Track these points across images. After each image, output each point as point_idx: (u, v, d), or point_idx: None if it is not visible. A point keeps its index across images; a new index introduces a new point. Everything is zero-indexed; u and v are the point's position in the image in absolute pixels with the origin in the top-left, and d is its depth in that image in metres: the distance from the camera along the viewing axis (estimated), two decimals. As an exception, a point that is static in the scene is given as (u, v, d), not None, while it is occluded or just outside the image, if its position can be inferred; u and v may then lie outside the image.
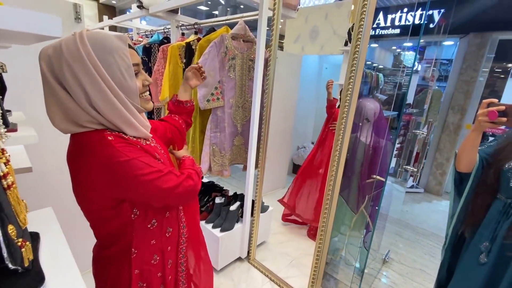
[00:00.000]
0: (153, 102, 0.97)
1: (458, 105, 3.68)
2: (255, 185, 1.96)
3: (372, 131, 1.68)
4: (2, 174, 0.36)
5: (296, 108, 3.47)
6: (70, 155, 0.65)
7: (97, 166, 0.60)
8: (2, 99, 0.79)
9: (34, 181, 1.45)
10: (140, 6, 2.22)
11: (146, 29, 2.84)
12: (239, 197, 2.13)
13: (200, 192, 2.42)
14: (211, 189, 2.36)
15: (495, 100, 0.91)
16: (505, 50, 3.66)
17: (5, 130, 0.55)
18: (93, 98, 0.58)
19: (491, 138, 1.17)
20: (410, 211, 3.34)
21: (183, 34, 2.30)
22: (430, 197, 3.87)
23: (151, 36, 2.63)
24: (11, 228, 0.34)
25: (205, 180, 2.62)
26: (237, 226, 1.98)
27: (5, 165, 0.40)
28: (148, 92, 0.74)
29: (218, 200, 2.03)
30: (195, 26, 2.12)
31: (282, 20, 1.77)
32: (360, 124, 1.67)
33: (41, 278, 0.39)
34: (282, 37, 4.42)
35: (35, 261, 0.42)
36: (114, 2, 4.71)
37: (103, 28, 3.59)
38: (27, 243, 0.36)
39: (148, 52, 2.38)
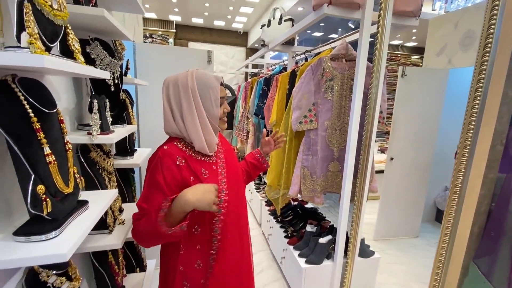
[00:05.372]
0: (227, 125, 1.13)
1: None
2: (351, 221, 1.68)
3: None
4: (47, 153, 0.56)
5: (438, 136, 2.71)
6: None
7: (152, 157, 0.84)
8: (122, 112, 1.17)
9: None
10: (263, 45, 2.59)
11: (271, 63, 3.27)
12: (334, 231, 1.90)
13: (297, 216, 2.36)
14: (310, 215, 2.25)
15: None
16: None
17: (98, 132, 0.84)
18: (185, 115, 0.82)
19: None
20: None
21: (296, 62, 2.45)
22: None
23: (274, 69, 2.97)
24: (40, 187, 0.52)
25: (309, 205, 2.52)
26: (327, 263, 1.76)
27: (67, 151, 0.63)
28: (225, 117, 0.95)
29: (309, 228, 1.90)
30: (305, 54, 2.21)
31: (399, 35, 1.52)
32: (514, 158, 1.07)
33: (57, 225, 0.56)
34: (421, 50, 3.66)
35: (59, 214, 0.58)
36: (256, 45, 5.77)
37: (247, 66, 4.45)
38: (48, 200, 0.53)
39: (268, 82, 2.70)
